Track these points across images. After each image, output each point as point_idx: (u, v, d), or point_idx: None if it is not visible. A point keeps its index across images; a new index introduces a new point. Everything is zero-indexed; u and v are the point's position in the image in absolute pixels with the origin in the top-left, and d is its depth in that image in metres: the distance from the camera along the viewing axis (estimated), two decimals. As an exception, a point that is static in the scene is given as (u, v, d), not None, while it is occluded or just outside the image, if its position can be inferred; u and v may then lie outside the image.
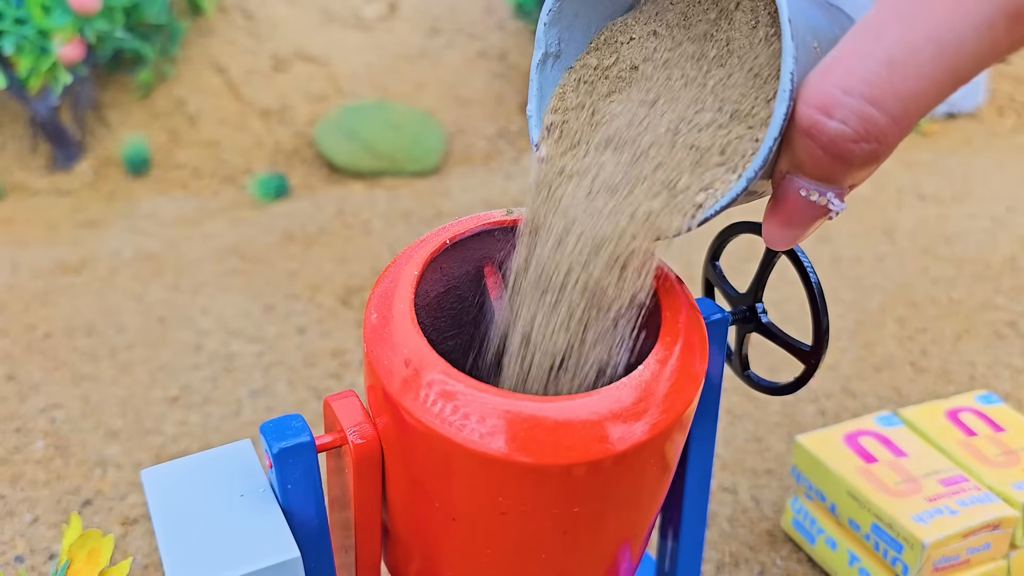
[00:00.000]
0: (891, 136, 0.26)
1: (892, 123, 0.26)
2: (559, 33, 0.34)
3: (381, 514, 0.38)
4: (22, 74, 1.11)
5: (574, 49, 0.35)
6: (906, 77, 0.25)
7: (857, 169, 0.27)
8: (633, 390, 0.32)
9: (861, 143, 0.26)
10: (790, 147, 0.28)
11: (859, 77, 0.25)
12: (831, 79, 0.26)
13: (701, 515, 0.46)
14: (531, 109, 0.35)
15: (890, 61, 0.25)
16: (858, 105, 0.26)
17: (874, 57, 0.25)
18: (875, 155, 0.27)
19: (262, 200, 1.14)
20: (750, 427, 0.70)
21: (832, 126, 0.26)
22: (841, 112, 0.26)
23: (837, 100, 0.26)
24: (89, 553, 0.42)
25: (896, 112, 0.26)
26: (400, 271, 0.36)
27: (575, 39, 0.35)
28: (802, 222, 0.29)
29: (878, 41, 0.25)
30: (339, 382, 0.76)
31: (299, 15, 1.41)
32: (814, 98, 0.26)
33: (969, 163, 1.21)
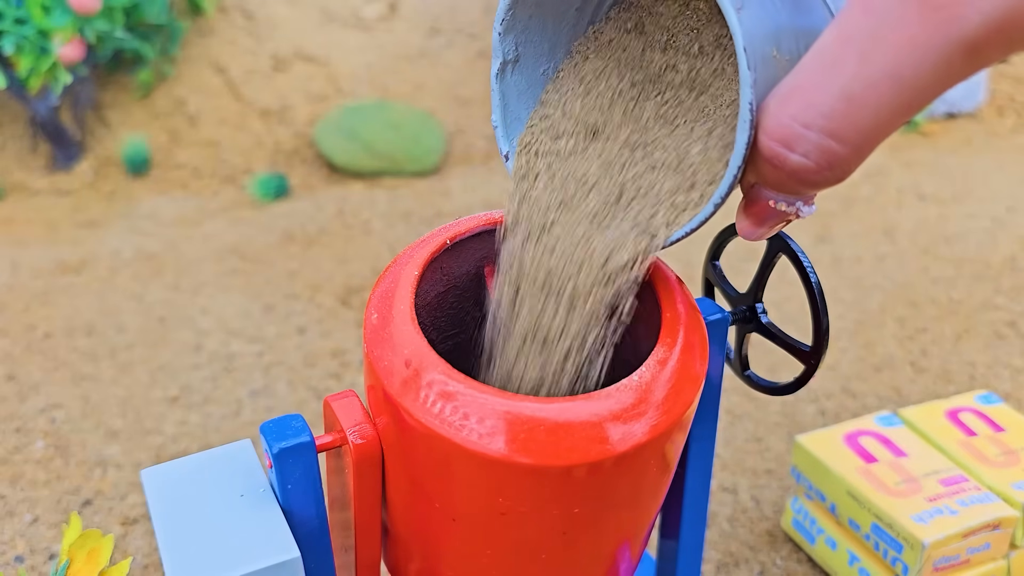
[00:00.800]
0: (851, 163, 0.27)
1: (852, 152, 0.27)
2: (515, 39, 0.34)
3: (381, 514, 0.38)
4: (22, 74, 1.11)
5: (532, 51, 0.35)
6: (864, 110, 0.26)
7: (818, 189, 0.28)
8: (633, 391, 0.32)
9: (823, 172, 0.27)
10: (755, 167, 0.29)
11: (818, 111, 0.26)
12: (790, 111, 0.26)
13: (701, 515, 0.46)
14: (495, 119, 0.35)
15: (848, 96, 0.25)
16: (818, 139, 0.26)
17: (832, 91, 0.26)
18: (837, 179, 0.27)
19: (262, 200, 1.14)
20: (750, 427, 0.70)
21: (793, 159, 0.27)
22: (802, 146, 0.26)
23: (797, 134, 0.26)
24: (89, 553, 0.42)
25: (855, 142, 0.26)
26: (400, 271, 0.36)
27: (532, 41, 0.35)
28: (772, 223, 0.31)
29: (836, 74, 0.26)
30: (339, 382, 0.76)
31: (299, 15, 1.41)
32: (774, 131, 0.27)
33: (969, 163, 1.21)
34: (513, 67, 0.34)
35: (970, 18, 0.24)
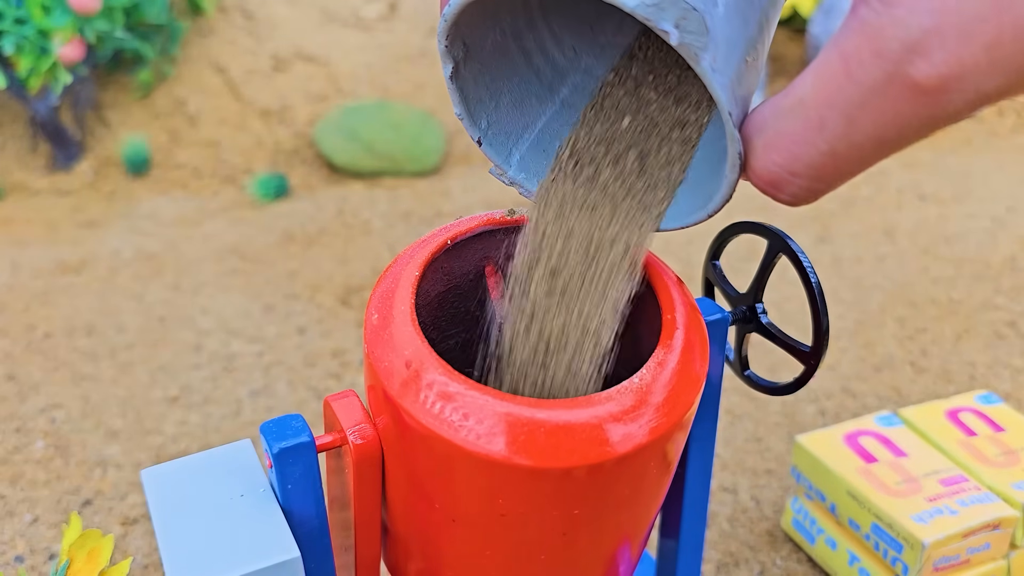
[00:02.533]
0: (835, 188, 0.28)
1: (838, 183, 0.28)
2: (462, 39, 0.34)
3: (381, 514, 0.38)
4: (22, 74, 1.11)
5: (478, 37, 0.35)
6: (848, 163, 0.27)
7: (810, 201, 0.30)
8: (633, 392, 0.32)
9: (808, 201, 0.29)
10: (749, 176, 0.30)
11: (805, 163, 0.27)
12: (778, 160, 0.28)
13: (701, 515, 0.46)
14: (459, 111, 0.35)
15: (834, 154, 0.27)
16: (806, 183, 0.28)
17: (819, 148, 0.27)
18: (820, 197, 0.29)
19: (262, 200, 1.14)
20: (750, 427, 0.70)
21: (782, 197, 0.29)
22: (791, 188, 0.28)
23: (785, 180, 0.28)
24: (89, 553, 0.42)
25: (837, 183, 0.28)
26: (401, 271, 0.36)
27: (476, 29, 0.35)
28: None
29: (822, 135, 0.27)
30: (339, 382, 0.76)
31: (299, 15, 1.41)
32: (763, 175, 0.28)
33: (969, 163, 1.21)
34: (465, 62, 0.35)
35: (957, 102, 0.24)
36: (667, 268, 0.37)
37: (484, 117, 0.36)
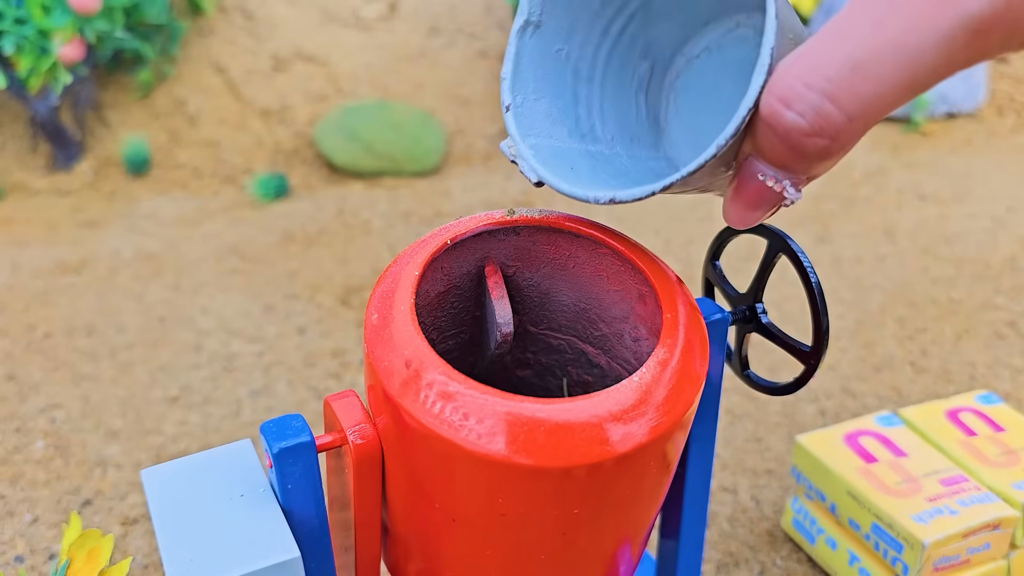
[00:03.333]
0: (845, 135, 0.27)
1: (847, 122, 0.27)
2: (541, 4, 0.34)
3: (381, 514, 0.38)
4: (22, 74, 1.11)
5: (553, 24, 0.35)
6: (867, 79, 0.26)
7: (811, 162, 0.28)
8: (633, 392, 0.32)
9: (815, 138, 0.27)
10: (753, 132, 0.29)
11: (822, 75, 0.27)
12: (795, 71, 0.27)
13: (701, 515, 0.46)
14: (505, 72, 0.35)
15: (854, 63, 0.26)
16: (817, 100, 0.27)
17: (839, 57, 0.26)
18: (828, 151, 0.28)
19: (262, 200, 1.14)
20: (750, 427, 0.70)
21: (789, 117, 0.27)
22: (800, 105, 0.27)
23: (798, 93, 0.27)
24: (89, 553, 0.42)
25: (853, 112, 0.27)
26: (401, 271, 0.36)
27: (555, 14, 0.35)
28: (758, 205, 0.31)
29: (844, 41, 0.26)
30: (339, 382, 0.76)
31: (299, 15, 1.41)
32: (777, 89, 0.27)
33: (969, 163, 1.21)
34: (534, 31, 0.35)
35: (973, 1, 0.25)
36: (667, 268, 0.37)
37: (521, 95, 0.36)
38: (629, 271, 0.38)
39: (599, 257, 0.39)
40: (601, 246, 0.38)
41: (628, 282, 0.38)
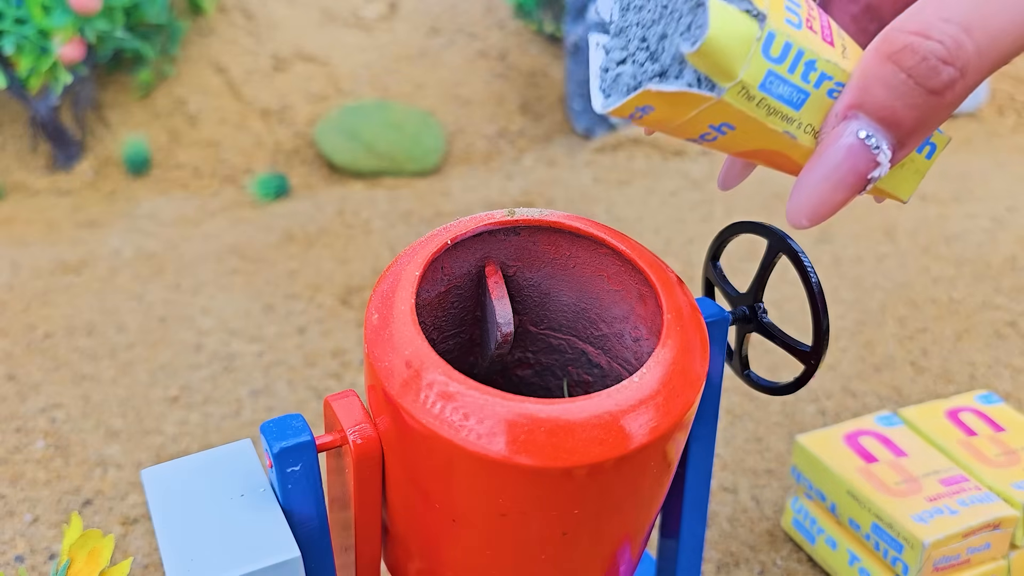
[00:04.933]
0: (972, 69, 0.28)
1: (978, 56, 0.28)
2: None
3: (381, 514, 0.38)
4: (22, 74, 1.11)
5: None
6: (996, 14, 0.28)
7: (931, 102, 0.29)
8: (634, 392, 0.32)
9: (949, 66, 0.28)
10: (863, 80, 0.29)
11: (955, 9, 0.28)
12: (929, 11, 0.28)
13: (701, 515, 0.46)
14: None
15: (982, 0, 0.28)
16: (955, 31, 0.28)
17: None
18: (954, 87, 0.28)
19: (262, 200, 1.14)
20: (750, 427, 0.70)
21: (929, 44, 0.28)
22: (938, 34, 0.28)
23: (935, 25, 0.28)
24: (89, 553, 0.42)
25: (983, 46, 0.28)
26: (401, 271, 0.36)
27: None
28: (845, 178, 0.30)
29: None
30: (339, 382, 0.76)
31: (299, 15, 1.41)
32: (912, 25, 0.28)
33: (969, 163, 1.21)
34: None
35: None
36: (667, 268, 0.37)
37: None
38: (629, 271, 0.38)
39: (599, 257, 0.39)
40: (601, 246, 0.38)
41: (628, 282, 0.38)
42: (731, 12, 0.29)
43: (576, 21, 1.27)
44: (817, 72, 0.31)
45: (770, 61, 0.30)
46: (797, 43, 0.30)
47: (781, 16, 0.30)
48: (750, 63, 0.30)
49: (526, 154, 1.25)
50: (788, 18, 0.30)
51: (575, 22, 1.27)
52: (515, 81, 1.37)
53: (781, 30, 0.30)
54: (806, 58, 0.31)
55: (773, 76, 0.30)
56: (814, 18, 0.31)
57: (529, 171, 1.19)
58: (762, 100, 0.31)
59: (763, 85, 0.30)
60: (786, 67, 0.30)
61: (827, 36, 0.31)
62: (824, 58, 0.31)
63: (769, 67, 0.30)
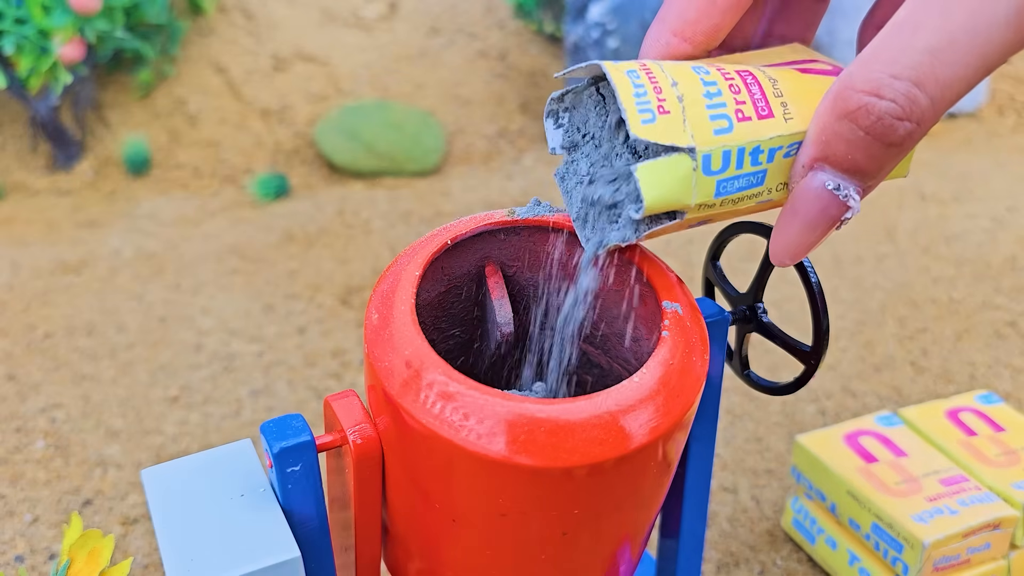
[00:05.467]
0: (928, 119, 0.29)
1: (931, 106, 0.29)
2: None
3: (381, 514, 0.38)
4: (22, 74, 1.11)
5: None
6: (945, 64, 0.28)
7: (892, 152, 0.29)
8: (634, 392, 0.32)
9: (905, 122, 0.29)
10: (823, 135, 0.30)
11: (904, 65, 0.28)
12: (877, 67, 0.29)
13: (701, 515, 0.46)
14: None
15: (931, 50, 0.28)
16: (905, 88, 0.28)
17: (916, 47, 0.28)
18: (911, 137, 0.29)
19: (262, 200, 1.14)
20: (750, 427, 0.70)
21: (883, 105, 0.29)
22: (890, 93, 0.28)
23: (886, 83, 0.28)
24: (89, 553, 0.42)
25: (935, 96, 0.28)
26: (401, 271, 0.36)
27: None
28: (820, 223, 0.31)
29: (917, 33, 0.28)
30: (339, 382, 0.76)
31: (299, 15, 1.41)
32: (864, 83, 0.29)
33: (969, 163, 1.21)
34: None
35: None
36: (667, 268, 0.37)
37: None
38: (629, 271, 0.38)
39: (599, 257, 0.39)
40: (601, 246, 0.38)
41: (628, 282, 0.38)
42: (660, 166, 0.31)
43: (576, 21, 1.27)
44: (765, 152, 0.32)
45: (715, 175, 0.32)
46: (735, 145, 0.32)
47: (708, 131, 0.31)
48: (697, 190, 0.32)
49: (526, 154, 1.25)
50: (717, 127, 0.31)
51: (575, 22, 1.27)
52: (515, 81, 1.37)
53: (714, 146, 0.31)
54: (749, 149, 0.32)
55: (724, 182, 0.32)
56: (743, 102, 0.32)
57: (529, 171, 1.19)
58: (724, 201, 0.33)
59: (718, 193, 0.32)
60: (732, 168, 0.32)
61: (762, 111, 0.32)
62: (767, 138, 0.32)
63: (716, 179, 0.32)
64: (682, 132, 0.31)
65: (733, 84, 0.32)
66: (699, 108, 0.32)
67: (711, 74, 0.32)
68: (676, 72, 0.32)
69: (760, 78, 0.33)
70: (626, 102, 0.31)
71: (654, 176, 0.31)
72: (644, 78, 0.32)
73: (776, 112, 0.32)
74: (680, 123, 0.31)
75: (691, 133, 0.31)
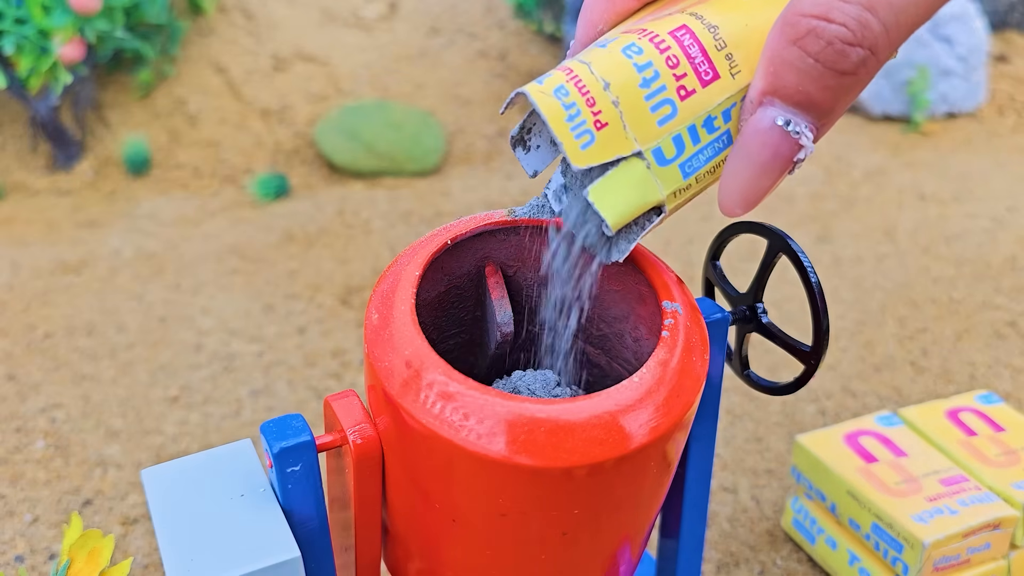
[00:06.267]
0: (881, 46, 0.27)
1: (884, 32, 0.27)
2: None
3: (381, 514, 0.38)
4: (22, 74, 1.11)
5: None
6: None
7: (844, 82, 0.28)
8: (634, 392, 0.32)
9: (856, 47, 0.27)
10: (772, 67, 0.28)
11: None
12: None
13: (701, 515, 0.46)
14: None
15: None
16: (856, 11, 0.27)
17: None
18: (865, 65, 0.27)
19: (262, 200, 1.14)
20: (750, 427, 0.70)
21: (832, 28, 0.27)
22: (840, 16, 0.27)
23: (836, 6, 0.27)
24: (90, 553, 0.42)
25: (889, 22, 0.27)
26: (401, 271, 0.36)
27: None
28: (770, 165, 0.29)
29: None
30: (339, 382, 0.76)
31: (299, 15, 1.41)
32: (810, 8, 0.27)
33: (969, 163, 1.21)
34: None
35: None
36: (667, 268, 0.37)
37: None
38: (629, 271, 0.38)
39: (599, 257, 0.38)
40: (601, 246, 0.38)
41: (628, 282, 0.38)
42: (611, 181, 0.30)
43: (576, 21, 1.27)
44: (718, 116, 0.30)
45: (673, 161, 0.30)
46: (683, 126, 0.30)
47: (652, 124, 0.30)
48: (661, 183, 0.30)
49: (526, 154, 1.25)
50: (660, 117, 0.30)
51: (575, 22, 1.27)
52: (515, 81, 1.37)
53: (661, 137, 0.30)
54: (700, 123, 0.30)
55: (687, 162, 0.31)
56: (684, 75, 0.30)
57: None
58: (698, 176, 0.31)
59: (686, 174, 0.31)
60: (690, 147, 0.31)
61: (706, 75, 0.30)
62: (715, 103, 0.30)
63: (677, 164, 0.31)
64: (624, 140, 0.30)
65: (670, 56, 0.30)
66: (637, 105, 0.30)
67: (644, 52, 0.30)
68: (606, 68, 0.30)
69: (698, 31, 0.30)
70: (560, 132, 0.29)
71: (608, 193, 0.30)
72: (574, 92, 0.30)
73: (721, 70, 0.30)
74: (620, 131, 0.30)
75: (634, 136, 0.30)
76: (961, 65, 1.35)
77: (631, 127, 0.30)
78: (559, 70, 0.31)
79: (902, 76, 1.33)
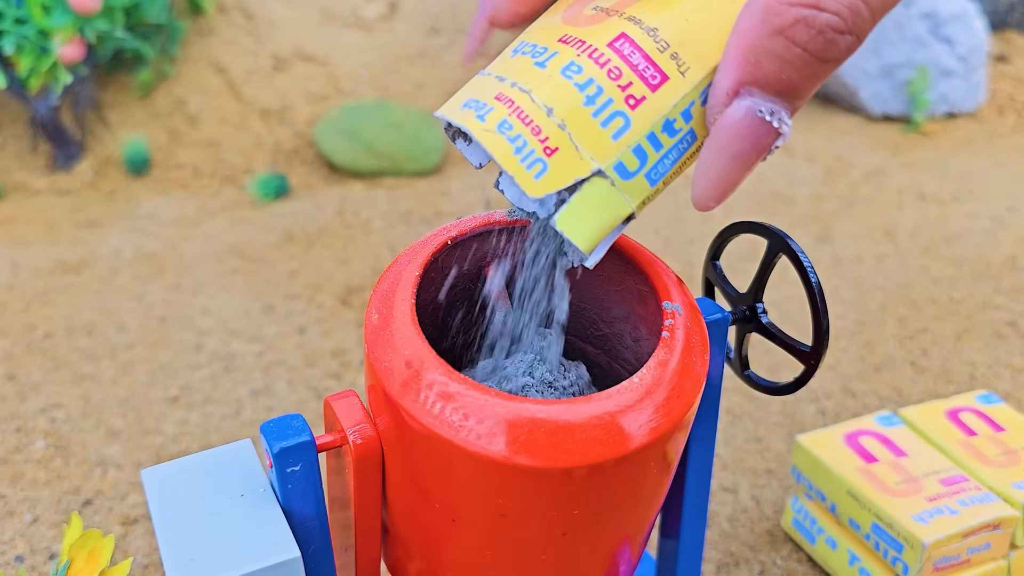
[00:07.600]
0: (867, 31, 0.27)
1: (871, 18, 0.27)
2: None
3: (381, 514, 0.38)
4: (22, 74, 1.11)
5: None
6: None
7: (827, 68, 0.27)
8: (634, 392, 0.32)
9: (846, 35, 0.27)
10: (751, 56, 0.27)
11: None
12: None
13: (701, 515, 0.46)
14: None
15: None
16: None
17: None
18: (850, 51, 0.27)
19: (262, 200, 1.14)
20: (750, 427, 0.70)
21: (824, 17, 0.26)
22: (834, 5, 0.26)
23: None
24: (89, 553, 0.42)
25: (876, 7, 0.27)
26: (401, 271, 0.36)
27: None
28: (749, 155, 0.28)
29: None
30: (339, 382, 0.76)
31: (299, 15, 1.41)
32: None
33: (969, 163, 1.21)
34: None
35: None
36: (667, 268, 0.37)
37: None
38: (629, 271, 0.38)
39: (599, 257, 0.38)
40: (601, 246, 0.38)
41: (628, 282, 0.38)
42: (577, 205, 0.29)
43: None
44: (677, 118, 0.30)
45: (638, 172, 0.30)
46: (642, 135, 0.29)
47: (606, 140, 0.29)
48: (628, 196, 0.30)
49: (526, 154, 1.25)
50: (614, 131, 0.29)
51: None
52: (515, 81, 1.37)
53: (620, 151, 0.29)
54: (660, 128, 0.30)
55: (652, 169, 0.30)
56: (629, 83, 0.29)
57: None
58: (666, 179, 0.31)
59: (653, 181, 0.30)
60: (653, 154, 0.30)
61: (653, 78, 0.29)
62: (671, 105, 0.29)
63: (643, 173, 0.30)
64: (580, 161, 0.29)
65: (611, 69, 0.29)
66: (586, 123, 0.29)
67: (584, 70, 0.29)
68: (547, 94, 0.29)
69: (638, 38, 0.29)
70: (511, 167, 0.29)
71: (575, 218, 0.29)
72: (518, 124, 0.29)
73: (670, 71, 0.29)
74: (573, 153, 0.29)
75: (589, 156, 0.29)
76: (961, 65, 1.35)
77: (584, 147, 0.29)
78: (500, 101, 0.30)
79: (902, 76, 1.33)
